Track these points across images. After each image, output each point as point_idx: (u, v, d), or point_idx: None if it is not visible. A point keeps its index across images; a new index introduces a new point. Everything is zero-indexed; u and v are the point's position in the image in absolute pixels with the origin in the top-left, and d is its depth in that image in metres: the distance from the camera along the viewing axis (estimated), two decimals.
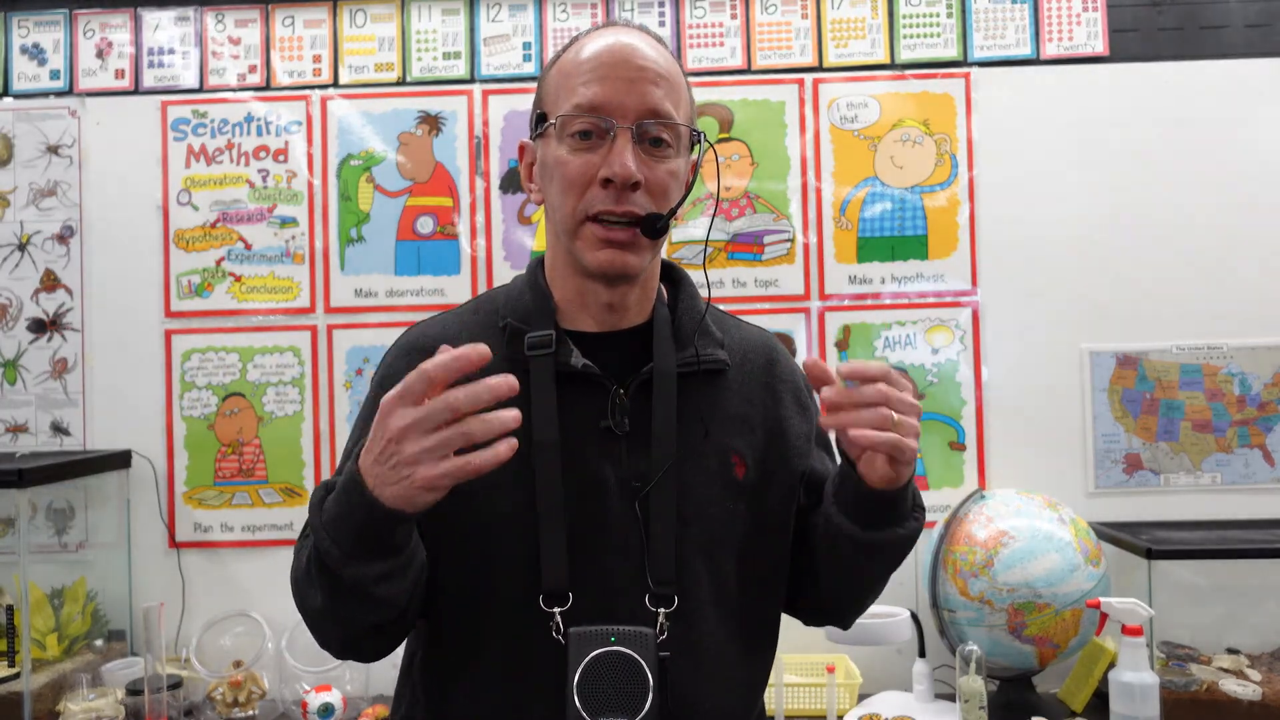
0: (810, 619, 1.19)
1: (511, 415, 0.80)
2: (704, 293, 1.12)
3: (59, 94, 2.44)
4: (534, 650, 0.96)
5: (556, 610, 0.96)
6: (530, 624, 0.97)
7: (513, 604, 0.97)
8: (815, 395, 1.15)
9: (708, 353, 1.06)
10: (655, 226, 0.98)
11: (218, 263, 2.41)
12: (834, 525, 1.01)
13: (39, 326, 2.42)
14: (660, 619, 0.98)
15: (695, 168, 1.06)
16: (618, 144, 0.97)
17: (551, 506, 0.97)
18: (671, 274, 1.14)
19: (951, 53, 2.38)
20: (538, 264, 1.10)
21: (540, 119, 1.04)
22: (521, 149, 1.09)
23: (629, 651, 0.93)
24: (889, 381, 0.91)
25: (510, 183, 2.41)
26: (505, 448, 0.80)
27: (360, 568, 0.86)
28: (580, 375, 1.01)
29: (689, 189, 1.06)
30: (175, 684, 2.07)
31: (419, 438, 0.80)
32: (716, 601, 1.02)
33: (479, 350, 0.80)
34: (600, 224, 0.98)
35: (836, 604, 1.14)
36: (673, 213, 1.01)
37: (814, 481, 1.10)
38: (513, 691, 0.98)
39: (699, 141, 1.04)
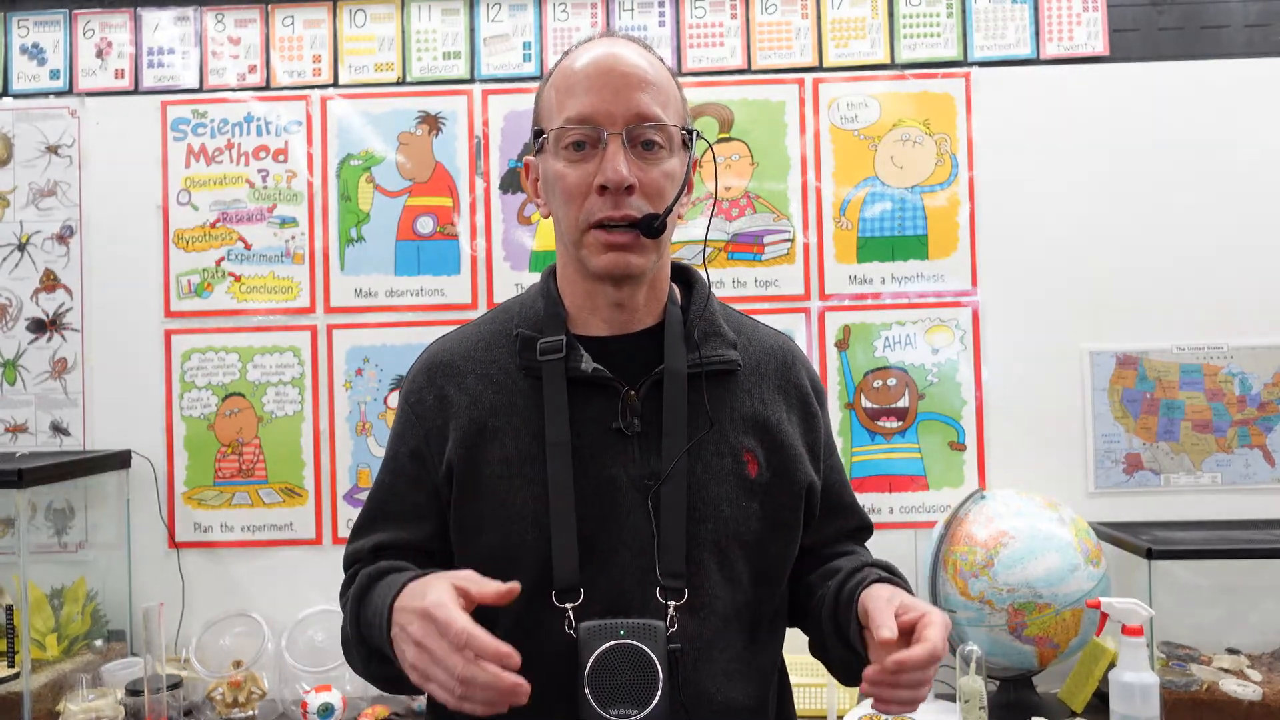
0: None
1: (511, 684, 0.84)
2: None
3: (59, 94, 2.44)
4: (548, 645, 0.99)
5: (568, 606, 1.00)
6: (544, 620, 1.00)
7: (527, 601, 0.99)
8: (824, 405, 1.18)
9: (718, 353, 1.09)
10: (652, 226, 1.01)
11: (217, 263, 2.41)
12: (829, 638, 1.09)
13: (39, 326, 2.42)
14: (670, 612, 1.00)
15: (695, 165, 1.09)
16: (609, 151, 1.00)
17: (563, 505, 1.01)
18: (685, 276, 1.17)
19: (951, 53, 2.38)
20: (550, 273, 1.14)
21: (538, 135, 1.07)
22: (526, 166, 1.13)
23: (638, 644, 0.96)
24: (932, 663, 0.93)
25: (510, 183, 2.41)
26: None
27: (383, 669, 1.00)
28: (591, 379, 1.04)
29: (689, 187, 1.08)
30: (175, 684, 2.07)
31: (433, 661, 0.87)
32: (727, 596, 1.04)
33: (510, 589, 0.89)
34: (602, 229, 1.02)
35: (821, 652, 1.18)
36: (669, 211, 1.03)
37: (825, 495, 1.15)
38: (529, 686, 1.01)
39: (692, 141, 1.06)
